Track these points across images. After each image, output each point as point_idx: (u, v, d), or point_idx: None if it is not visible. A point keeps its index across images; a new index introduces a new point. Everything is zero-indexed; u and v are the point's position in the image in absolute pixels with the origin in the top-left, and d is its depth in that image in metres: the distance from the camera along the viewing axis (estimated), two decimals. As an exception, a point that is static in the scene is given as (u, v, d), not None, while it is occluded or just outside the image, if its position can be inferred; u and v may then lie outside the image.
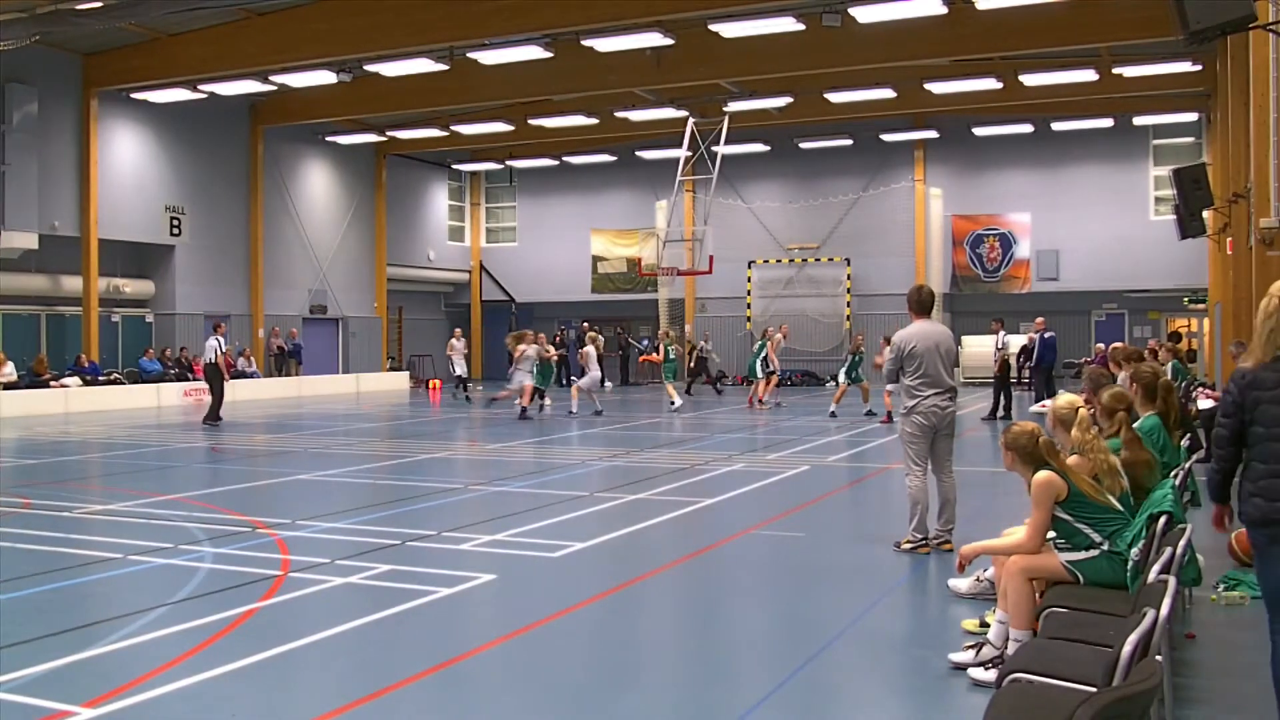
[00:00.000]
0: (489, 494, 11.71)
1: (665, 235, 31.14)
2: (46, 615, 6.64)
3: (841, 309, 34.24)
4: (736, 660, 5.94)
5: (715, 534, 9.47)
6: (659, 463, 14.28)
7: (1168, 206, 27.49)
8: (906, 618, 6.92)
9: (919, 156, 34.01)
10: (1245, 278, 15.45)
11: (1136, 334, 31.92)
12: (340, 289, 33.68)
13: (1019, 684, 3.84)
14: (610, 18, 20.79)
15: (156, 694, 5.12)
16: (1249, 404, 4.42)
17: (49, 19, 19.46)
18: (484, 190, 40.58)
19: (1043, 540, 5.44)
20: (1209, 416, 13.41)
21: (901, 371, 8.42)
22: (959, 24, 21.52)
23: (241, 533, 9.23)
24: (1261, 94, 13.41)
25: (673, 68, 24.19)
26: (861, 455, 15.26)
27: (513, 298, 39.20)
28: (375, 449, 16.74)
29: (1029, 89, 26.71)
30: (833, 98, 28.08)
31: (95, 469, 14.78)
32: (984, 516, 9.33)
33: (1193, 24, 7.84)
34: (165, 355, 27.58)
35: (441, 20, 21.27)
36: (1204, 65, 24.60)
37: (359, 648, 6.02)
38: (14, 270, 24.54)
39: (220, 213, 29.43)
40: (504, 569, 7.84)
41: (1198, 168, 20.36)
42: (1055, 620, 4.81)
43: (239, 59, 23.42)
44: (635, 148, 35.01)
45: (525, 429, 19.39)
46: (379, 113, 29.56)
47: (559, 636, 6.26)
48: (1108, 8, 20.67)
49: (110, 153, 26.44)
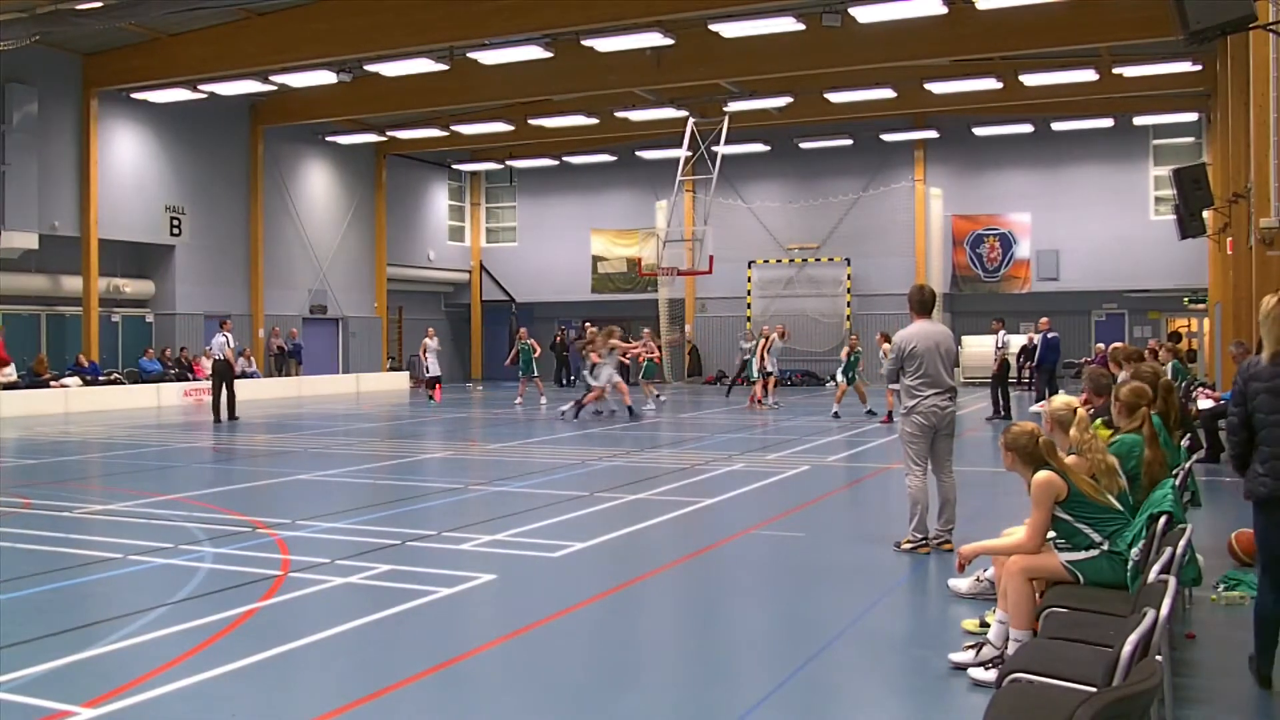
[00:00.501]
0: (489, 494, 11.71)
1: (665, 235, 31.14)
2: (46, 615, 6.64)
3: (841, 309, 34.24)
4: (736, 660, 5.94)
5: (715, 534, 9.47)
6: (659, 463, 14.28)
7: (1168, 206, 27.50)
8: (906, 618, 6.91)
9: (919, 156, 34.01)
10: (1245, 278, 15.45)
11: (1136, 334, 31.92)
12: (340, 289, 33.68)
13: (1019, 684, 3.84)
14: (610, 18, 20.79)
15: (156, 694, 5.12)
16: (1250, 394, 4.95)
17: (49, 19, 19.46)
18: (484, 190, 40.58)
19: (1043, 540, 5.44)
20: (1209, 416, 13.42)
21: (902, 371, 8.42)
22: (959, 24, 21.52)
23: (242, 533, 9.23)
24: (1261, 94, 13.41)
25: (673, 68, 24.19)
26: (861, 455, 15.26)
27: (513, 298, 39.20)
28: (375, 449, 16.74)
29: (1029, 89, 26.71)
30: (833, 98, 28.08)
31: (95, 469, 14.78)
32: (984, 516, 9.33)
33: (1193, 24, 7.83)
34: (165, 355, 27.57)
35: (441, 20, 21.27)
36: (1204, 65, 24.60)
37: (359, 648, 6.01)
38: (14, 270, 24.55)
39: (220, 213, 29.43)
40: (504, 569, 7.84)
41: (1198, 168, 20.35)
42: (1055, 620, 4.81)
43: (239, 59, 23.43)
44: (635, 148, 35.02)
45: (526, 429, 19.39)
46: (379, 113, 29.56)
47: (559, 636, 6.26)
48: (1108, 8, 20.67)
49: (110, 153, 26.45)
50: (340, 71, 23.69)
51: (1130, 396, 6.56)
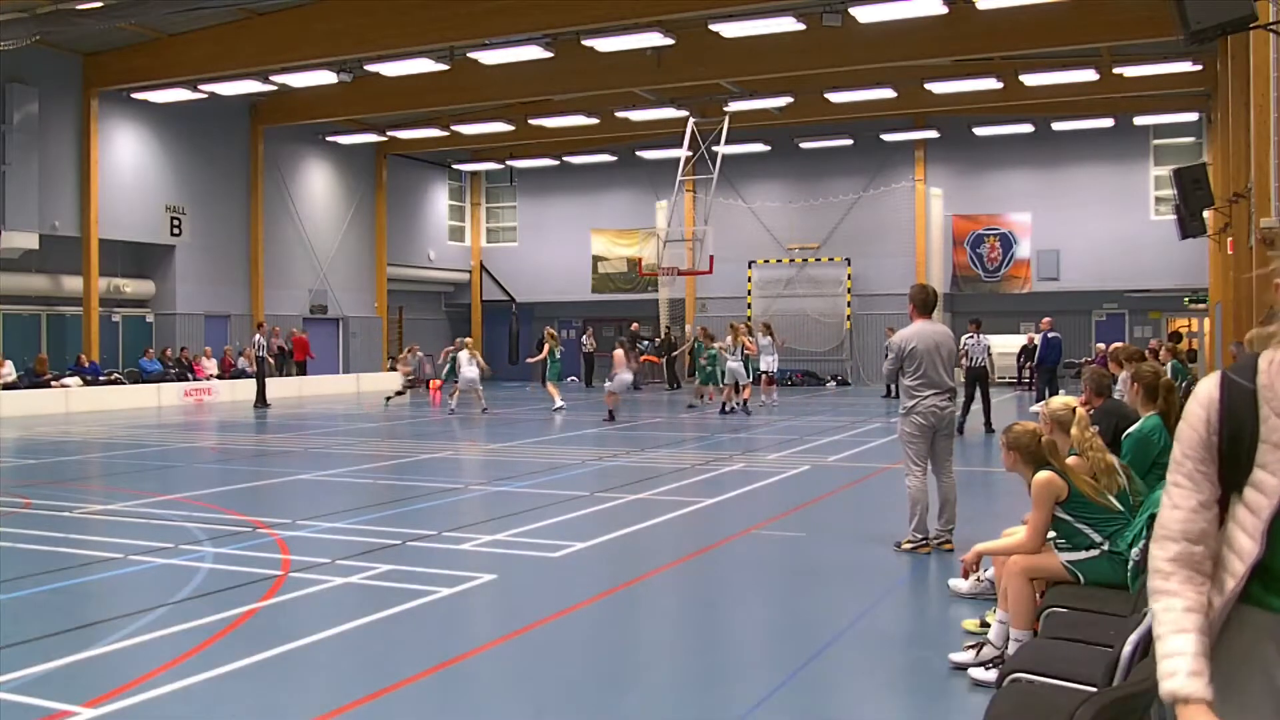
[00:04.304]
0: (489, 494, 11.71)
1: (665, 235, 31.13)
2: (46, 615, 6.65)
3: (842, 309, 34.24)
4: (736, 660, 5.94)
5: (715, 534, 9.47)
6: (659, 463, 14.28)
7: (1168, 206, 27.48)
8: (906, 618, 6.91)
9: (919, 156, 34.00)
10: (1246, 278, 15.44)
11: (1137, 334, 31.92)
12: (340, 289, 33.68)
13: (1019, 684, 3.84)
14: (610, 18, 20.78)
15: (156, 694, 5.11)
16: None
17: (49, 19, 19.47)
18: (484, 190, 40.58)
19: (1043, 540, 5.44)
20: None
21: (901, 371, 8.42)
22: (959, 24, 21.51)
23: (242, 533, 9.23)
24: (1261, 94, 13.41)
25: (673, 68, 24.18)
26: (861, 455, 15.25)
27: (513, 298, 39.20)
28: (376, 449, 16.74)
29: (1029, 89, 26.70)
30: (833, 98, 28.08)
31: (95, 469, 14.78)
32: (984, 516, 9.33)
33: (1193, 24, 7.84)
34: (165, 355, 27.57)
35: (441, 20, 21.26)
36: (1204, 65, 24.60)
37: (359, 648, 6.01)
38: (14, 270, 24.55)
39: (220, 213, 29.43)
40: (504, 569, 7.84)
41: (1198, 168, 20.35)
42: (1055, 620, 4.81)
43: (239, 59, 23.43)
44: (635, 148, 35.01)
45: (529, 429, 19.38)
46: (379, 113, 29.56)
47: (559, 636, 6.26)
48: (1108, 8, 20.66)
49: (110, 153, 26.45)
50: (340, 71, 23.68)
51: (1149, 377, 6.54)
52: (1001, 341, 31.71)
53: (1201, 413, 2.21)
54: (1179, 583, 2.17)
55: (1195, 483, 2.20)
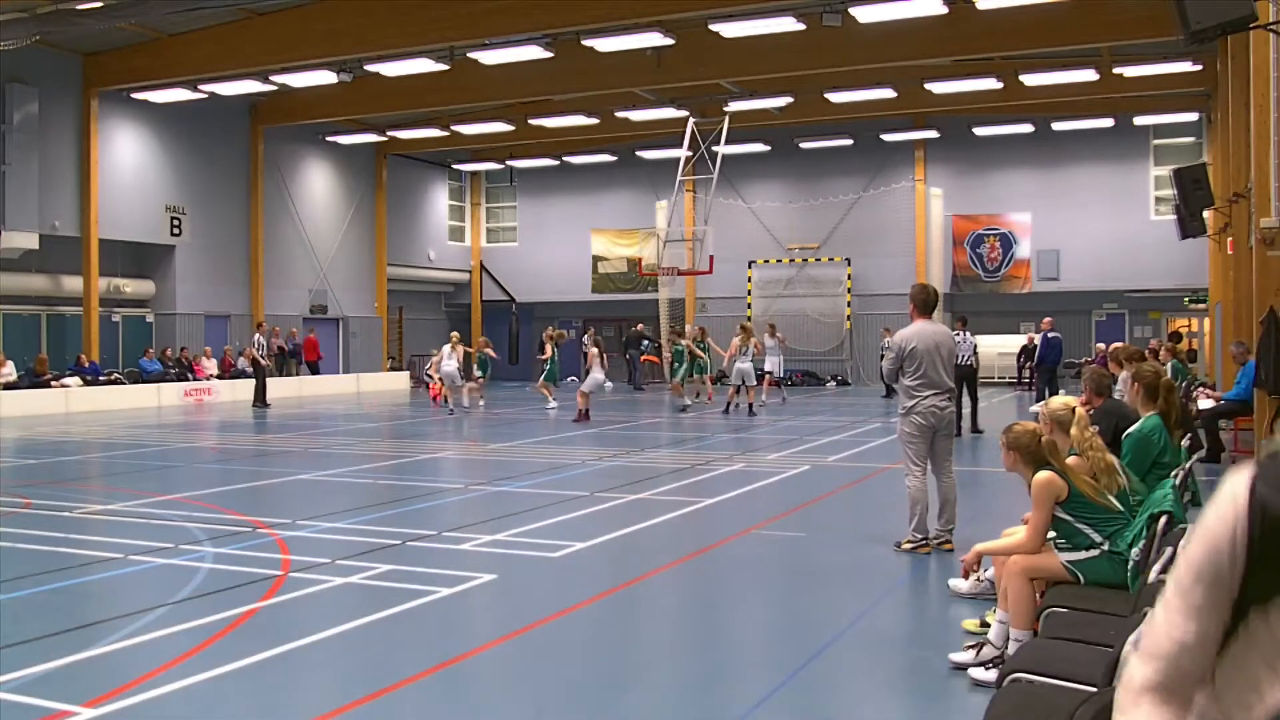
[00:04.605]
0: (489, 494, 11.71)
1: (665, 235, 31.11)
2: (46, 615, 6.65)
3: (842, 309, 34.24)
4: (736, 660, 5.94)
5: (715, 534, 9.47)
6: (659, 463, 14.28)
7: (1168, 206, 27.47)
8: (906, 618, 6.91)
9: (919, 156, 34.00)
10: (1245, 278, 15.43)
11: (1137, 334, 31.91)
12: (340, 289, 33.68)
13: (1019, 684, 3.84)
14: (610, 18, 20.78)
15: (156, 694, 5.11)
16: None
17: (49, 19, 19.46)
18: (484, 190, 40.57)
19: (1043, 540, 5.44)
20: (1209, 416, 13.43)
21: (901, 372, 8.42)
22: (959, 24, 21.51)
23: (242, 533, 9.23)
24: (1261, 94, 13.39)
25: (673, 68, 24.18)
26: (861, 455, 15.25)
27: (513, 298, 39.20)
28: (376, 449, 16.74)
29: (1029, 89, 26.70)
30: (833, 98, 28.08)
31: (95, 469, 14.78)
32: (984, 516, 9.33)
33: (1193, 24, 7.83)
34: (165, 355, 27.57)
35: (441, 20, 21.26)
36: (1204, 65, 24.59)
37: (359, 648, 6.01)
38: (14, 270, 24.54)
39: (220, 213, 29.43)
40: (504, 569, 7.84)
41: (1198, 167, 20.33)
42: (1055, 620, 4.81)
43: (239, 59, 23.42)
44: (635, 148, 35.01)
45: (529, 429, 19.37)
46: (379, 113, 29.55)
47: (559, 636, 6.26)
48: (1108, 8, 20.66)
49: (110, 153, 26.45)
50: (340, 71, 23.68)
51: (1149, 377, 6.54)
52: (1001, 341, 31.78)
53: (1226, 531, 1.65)
54: (1149, 707, 1.70)
55: (1202, 614, 1.67)
